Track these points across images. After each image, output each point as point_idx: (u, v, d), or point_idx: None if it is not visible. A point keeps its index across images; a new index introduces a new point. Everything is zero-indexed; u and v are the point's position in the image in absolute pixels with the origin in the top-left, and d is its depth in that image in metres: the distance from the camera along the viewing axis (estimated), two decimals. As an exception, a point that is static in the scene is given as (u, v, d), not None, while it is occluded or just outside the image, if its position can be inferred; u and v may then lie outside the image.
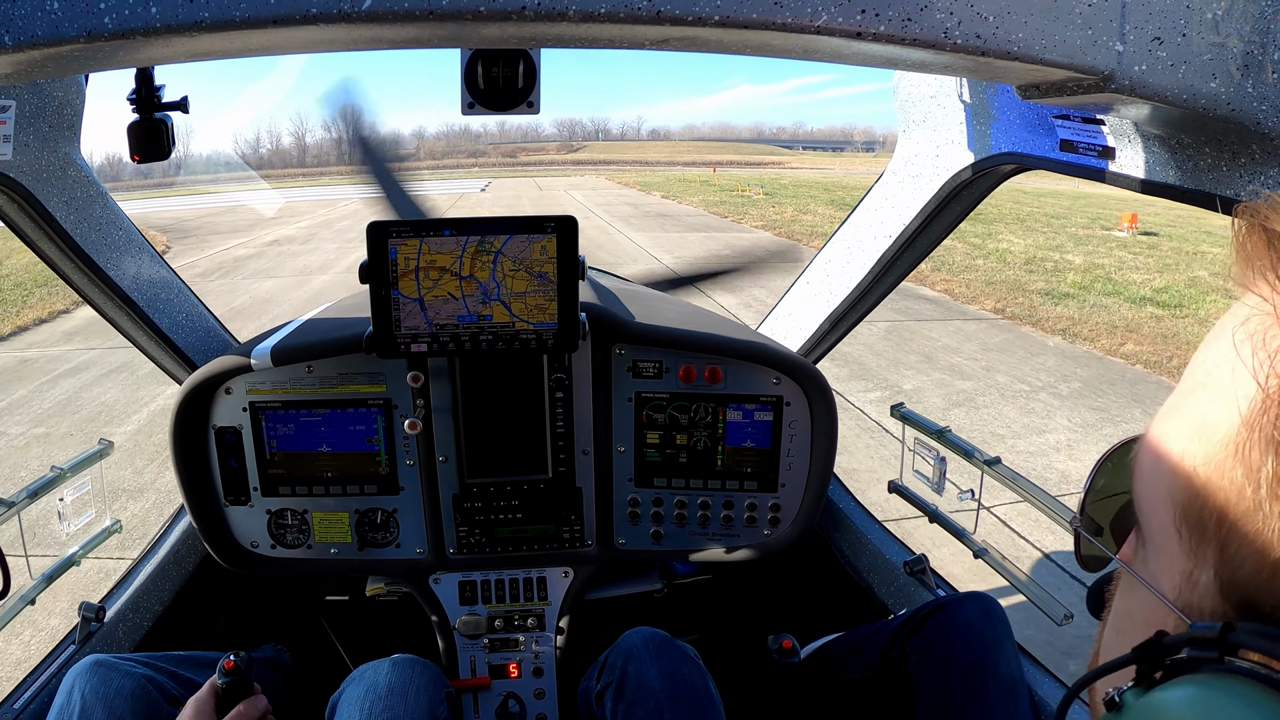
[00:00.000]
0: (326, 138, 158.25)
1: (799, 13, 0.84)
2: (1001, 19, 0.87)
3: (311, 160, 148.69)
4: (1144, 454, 0.55)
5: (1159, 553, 0.53)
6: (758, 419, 2.11)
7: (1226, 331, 0.50)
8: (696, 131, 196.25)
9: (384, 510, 2.13)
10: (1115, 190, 1.37)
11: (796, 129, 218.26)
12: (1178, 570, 0.50)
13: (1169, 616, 0.51)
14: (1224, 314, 0.53)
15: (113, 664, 1.72)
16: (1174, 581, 0.51)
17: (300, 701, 2.21)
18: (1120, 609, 0.59)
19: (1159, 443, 0.53)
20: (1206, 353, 0.52)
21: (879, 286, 2.24)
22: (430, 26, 0.86)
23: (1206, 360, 0.51)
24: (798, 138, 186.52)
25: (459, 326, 1.85)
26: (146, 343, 2.25)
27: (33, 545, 2.06)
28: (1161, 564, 0.52)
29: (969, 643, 1.79)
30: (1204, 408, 0.50)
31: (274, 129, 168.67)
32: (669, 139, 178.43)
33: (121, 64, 1.03)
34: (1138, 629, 0.54)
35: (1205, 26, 0.90)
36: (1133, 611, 0.56)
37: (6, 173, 1.60)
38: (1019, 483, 2.15)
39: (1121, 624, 0.58)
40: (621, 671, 1.80)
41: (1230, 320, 0.51)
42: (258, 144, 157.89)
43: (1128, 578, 0.58)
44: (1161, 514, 0.52)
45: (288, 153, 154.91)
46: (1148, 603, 0.54)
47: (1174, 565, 0.51)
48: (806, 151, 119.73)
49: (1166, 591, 0.51)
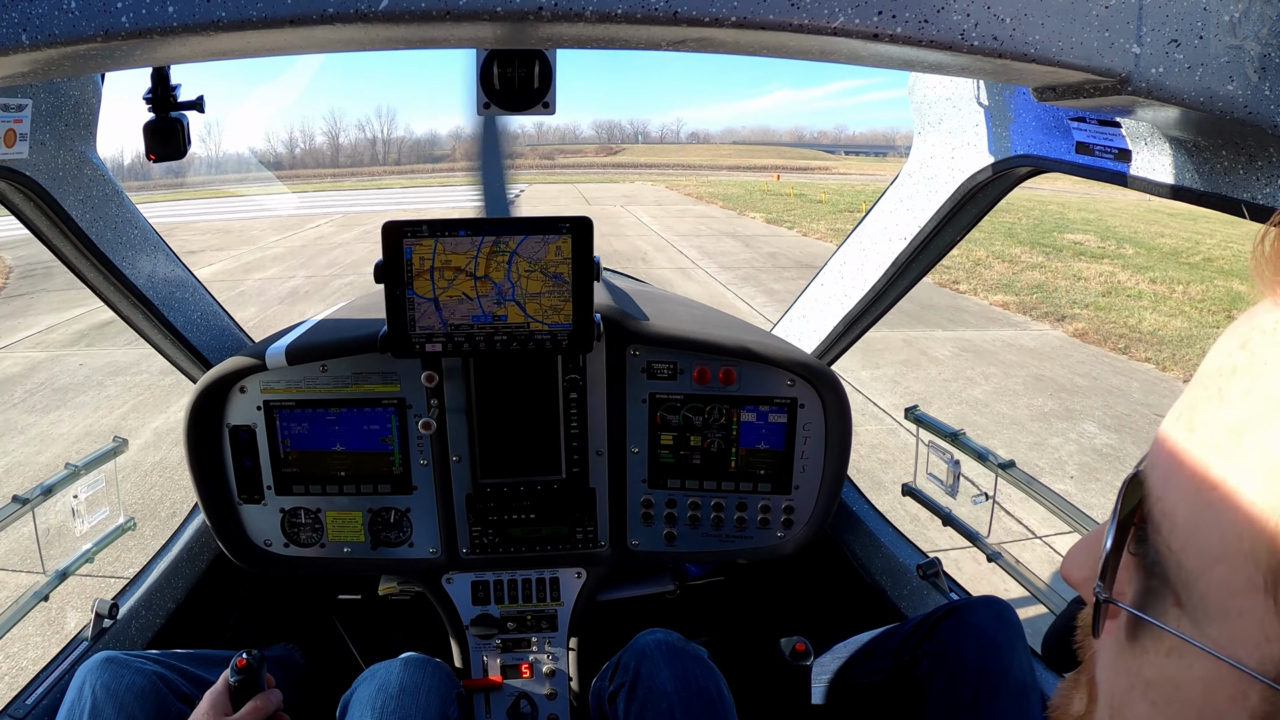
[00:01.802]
0: (361, 138, 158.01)
1: (816, 14, 0.84)
2: (1018, 21, 0.86)
3: (345, 160, 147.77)
4: (1186, 503, 0.46)
5: (1225, 616, 0.44)
6: (772, 421, 2.10)
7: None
8: (736, 135, 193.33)
9: (397, 510, 2.14)
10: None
11: (838, 133, 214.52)
12: (1263, 639, 0.42)
13: (1246, 689, 0.42)
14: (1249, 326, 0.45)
15: (124, 661, 1.73)
16: (1254, 648, 0.42)
17: (312, 700, 2.22)
18: (1160, 678, 0.48)
19: (1218, 488, 0.44)
20: (1262, 378, 0.43)
21: (894, 289, 2.23)
22: (446, 27, 0.86)
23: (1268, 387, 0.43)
24: (839, 142, 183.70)
25: (474, 327, 1.86)
26: (161, 341, 2.27)
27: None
28: (1228, 629, 0.43)
29: (981, 647, 1.78)
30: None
31: (295, 129, 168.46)
32: (708, 142, 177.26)
33: (138, 63, 1.04)
34: (1194, 703, 0.45)
35: (1222, 29, 0.90)
36: (1181, 683, 0.46)
37: (23, 171, 1.61)
38: (1034, 486, 2.14)
39: (1165, 697, 0.48)
40: (634, 673, 1.80)
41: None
42: (272, 146, 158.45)
43: (1164, 642, 0.48)
44: (1232, 572, 0.43)
45: (320, 152, 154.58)
46: (1210, 673, 0.44)
47: (1250, 629, 0.42)
48: (849, 156, 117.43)
49: (1246, 660, 0.42)
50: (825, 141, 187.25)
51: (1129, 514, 0.50)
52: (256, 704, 1.63)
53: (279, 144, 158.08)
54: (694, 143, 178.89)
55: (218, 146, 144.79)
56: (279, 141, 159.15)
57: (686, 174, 74.37)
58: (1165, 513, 0.47)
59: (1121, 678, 0.51)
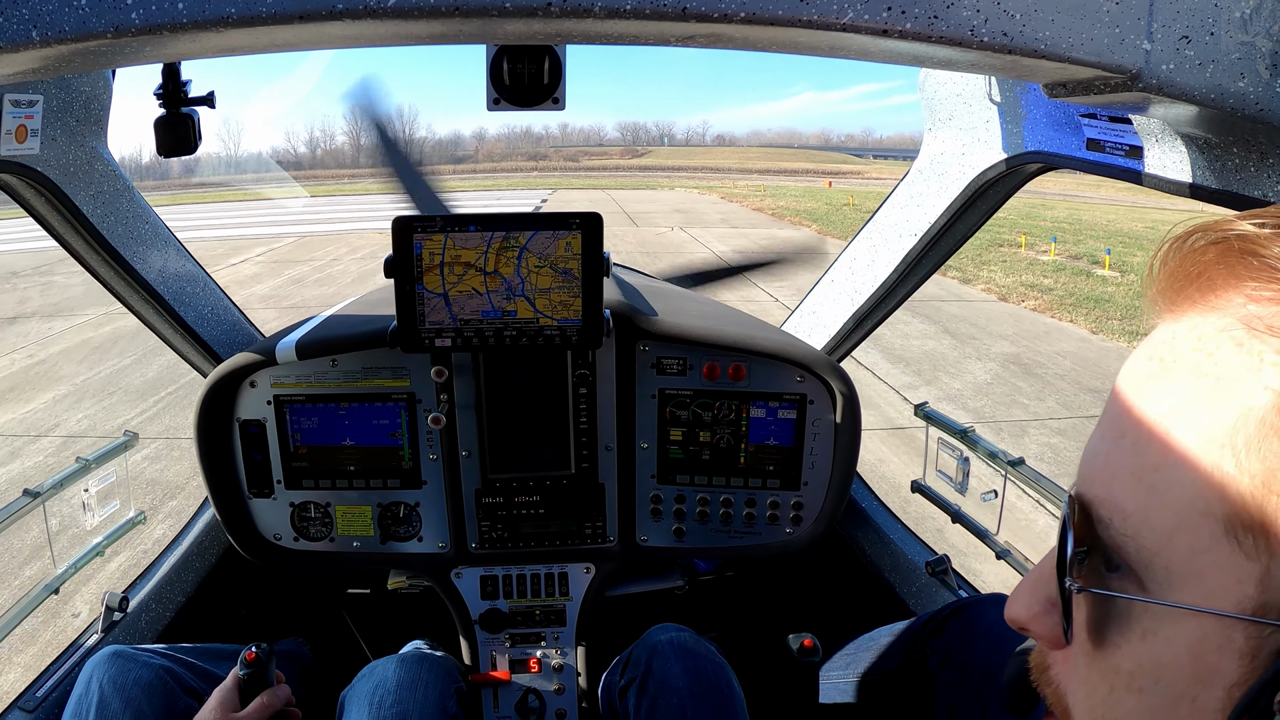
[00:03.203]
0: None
1: (825, 10, 0.84)
2: (1029, 17, 0.86)
3: (366, 161, 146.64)
4: (1132, 494, 0.52)
5: (1195, 576, 0.48)
6: (781, 417, 2.10)
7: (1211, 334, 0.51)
8: (762, 137, 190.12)
9: (406, 504, 2.15)
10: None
11: (865, 136, 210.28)
12: (1234, 582, 0.47)
13: (1230, 633, 0.47)
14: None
15: (131, 655, 1.74)
16: (1228, 594, 0.47)
17: (320, 694, 2.24)
18: (1139, 666, 0.52)
19: (1159, 469, 0.51)
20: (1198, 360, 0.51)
21: (903, 285, 2.23)
22: (455, 22, 0.86)
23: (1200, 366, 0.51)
24: (867, 145, 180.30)
25: (483, 322, 1.86)
26: (172, 336, 2.28)
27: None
28: (1201, 587, 0.48)
29: (989, 645, 1.78)
30: (1214, 405, 0.49)
31: (315, 130, 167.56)
32: (734, 144, 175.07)
33: (148, 59, 1.04)
34: (1182, 670, 0.49)
35: (1234, 25, 0.89)
36: (1163, 658, 0.50)
37: (34, 166, 1.62)
38: (1043, 484, 2.13)
39: (1150, 679, 0.51)
40: (646, 668, 1.80)
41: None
42: (292, 145, 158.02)
43: (1135, 629, 0.52)
44: (1193, 534, 0.48)
45: (340, 153, 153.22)
46: (1192, 635, 0.49)
47: (1222, 579, 0.47)
48: (878, 160, 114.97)
49: (1226, 608, 0.47)
50: (853, 145, 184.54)
51: (1075, 528, 0.56)
52: (264, 700, 1.65)
53: (300, 143, 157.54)
54: (720, 145, 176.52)
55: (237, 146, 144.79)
56: (300, 141, 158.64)
57: (723, 178, 69.61)
58: (1114, 508, 0.53)
59: (1099, 684, 0.55)
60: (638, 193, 46.69)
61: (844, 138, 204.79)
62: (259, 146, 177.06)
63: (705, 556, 2.48)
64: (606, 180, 62.85)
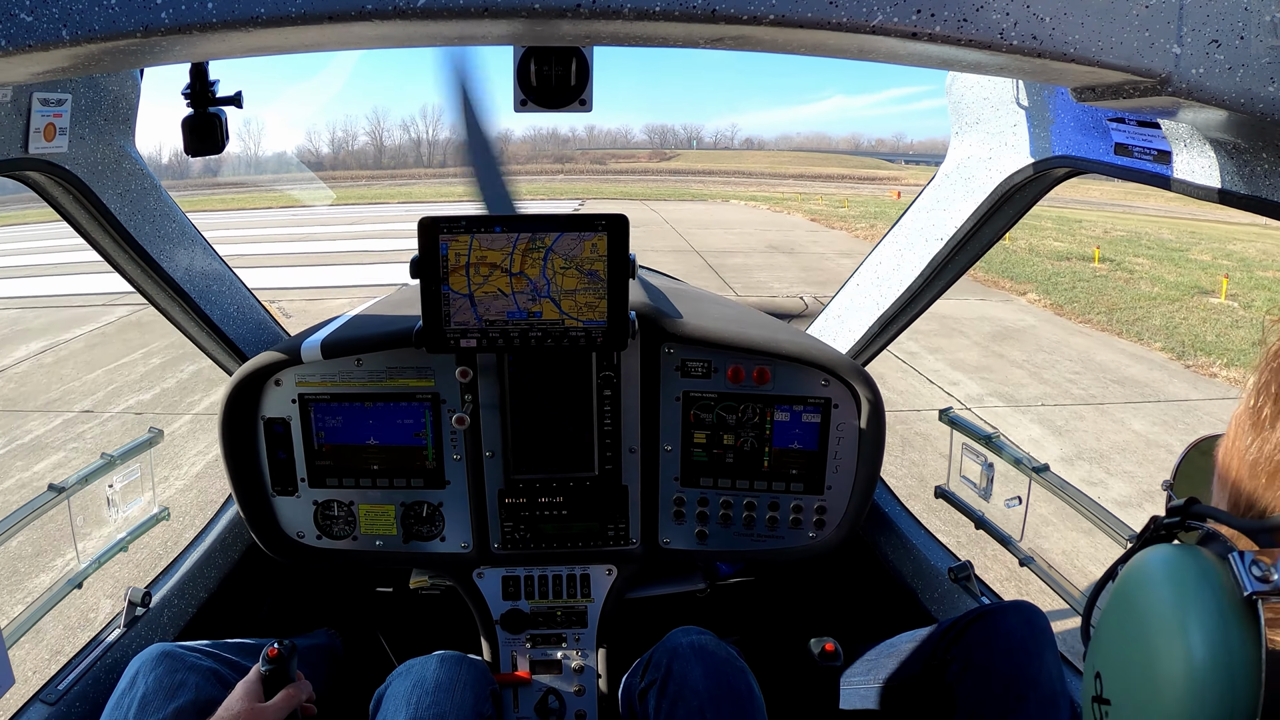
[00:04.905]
0: (406, 138, 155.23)
1: (854, 12, 0.84)
2: (1058, 20, 0.86)
3: (388, 162, 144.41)
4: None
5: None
6: (805, 421, 2.10)
7: None
8: (792, 141, 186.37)
9: (430, 504, 2.16)
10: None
11: (896, 141, 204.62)
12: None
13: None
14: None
15: (179, 655, 1.76)
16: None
17: (346, 688, 2.25)
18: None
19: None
20: None
21: (929, 290, 2.21)
22: (484, 24, 0.87)
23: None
24: (898, 150, 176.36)
25: (508, 323, 1.87)
26: (198, 333, 2.30)
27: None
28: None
29: (1010, 652, 1.76)
30: None
31: (338, 129, 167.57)
32: (764, 148, 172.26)
33: (177, 59, 1.05)
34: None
35: (1264, 29, 0.88)
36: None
37: (62, 165, 1.64)
38: (1067, 491, 2.11)
39: None
40: (666, 670, 1.80)
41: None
42: (314, 145, 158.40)
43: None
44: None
45: (363, 153, 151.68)
46: None
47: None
48: (910, 165, 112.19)
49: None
50: (884, 149, 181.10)
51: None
52: (289, 692, 1.67)
53: (322, 144, 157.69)
54: (749, 149, 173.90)
55: (258, 145, 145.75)
56: (322, 141, 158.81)
57: (760, 183, 66.32)
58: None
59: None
60: (681, 206, 36.12)
61: (874, 142, 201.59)
62: (282, 146, 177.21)
63: (727, 560, 2.48)
64: (638, 187, 56.08)
